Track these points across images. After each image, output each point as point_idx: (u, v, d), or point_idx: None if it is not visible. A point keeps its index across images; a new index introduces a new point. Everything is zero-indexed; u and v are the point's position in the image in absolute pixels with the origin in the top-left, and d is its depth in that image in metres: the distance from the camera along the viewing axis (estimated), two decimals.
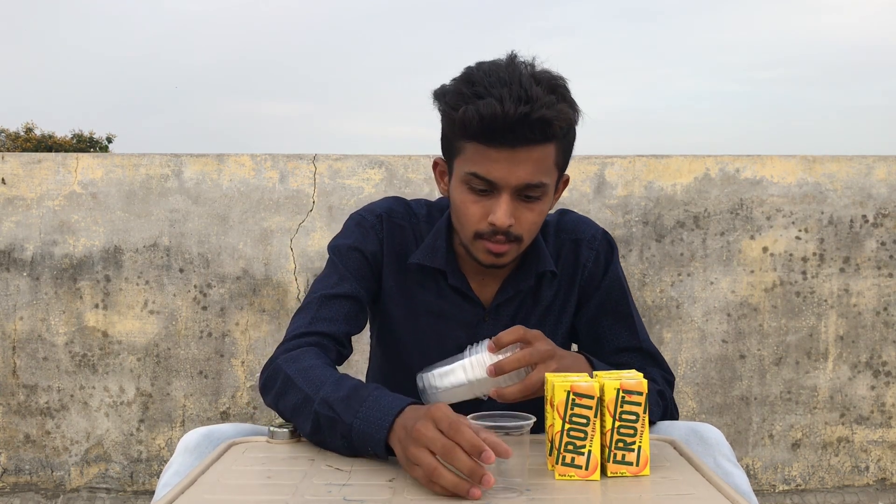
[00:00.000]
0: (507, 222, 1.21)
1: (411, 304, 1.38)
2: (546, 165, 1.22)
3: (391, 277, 1.38)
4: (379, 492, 0.98)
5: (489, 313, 1.37)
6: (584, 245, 1.39)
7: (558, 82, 1.22)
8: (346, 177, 2.66)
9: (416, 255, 1.36)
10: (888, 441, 2.74)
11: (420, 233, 1.39)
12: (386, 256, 1.37)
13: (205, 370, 2.67)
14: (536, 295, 1.38)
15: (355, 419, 1.08)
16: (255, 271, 2.66)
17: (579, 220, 1.44)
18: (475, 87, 1.18)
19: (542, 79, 1.19)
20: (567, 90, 1.23)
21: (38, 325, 2.66)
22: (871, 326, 2.71)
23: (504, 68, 1.20)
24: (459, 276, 1.36)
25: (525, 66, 1.21)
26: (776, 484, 2.72)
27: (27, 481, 2.69)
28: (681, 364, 2.70)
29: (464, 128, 1.20)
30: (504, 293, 1.36)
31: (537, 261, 1.36)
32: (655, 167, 2.67)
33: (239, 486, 1.02)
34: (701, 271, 2.68)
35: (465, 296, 1.36)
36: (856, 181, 2.69)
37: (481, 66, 1.22)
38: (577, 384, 1.01)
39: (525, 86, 1.16)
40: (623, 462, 1.03)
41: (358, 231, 1.38)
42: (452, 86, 1.22)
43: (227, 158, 2.67)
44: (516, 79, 1.17)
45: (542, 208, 1.26)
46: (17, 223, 2.65)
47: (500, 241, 1.24)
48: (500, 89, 1.16)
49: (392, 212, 1.40)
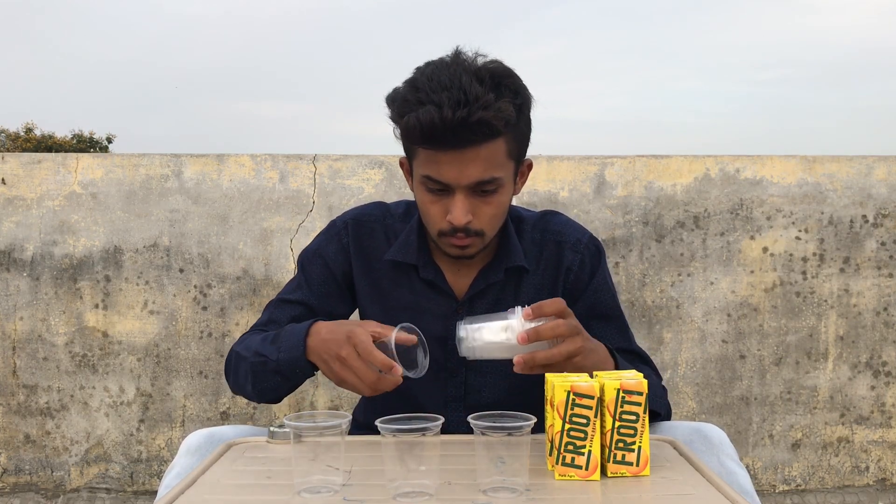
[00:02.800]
0: (463, 220, 1.25)
1: (385, 301, 1.43)
2: (496, 160, 1.25)
3: (362, 278, 1.43)
4: (379, 492, 0.98)
5: (462, 305, 1.39)
6: (568, 248, 1.41)
7: (502, 75, 1.23)
8: (346, 177, 2.66)
9: (390, 252, 1.41)
10: (888, 441, 2.74)
11: (395, 232, 1.43)
12: (354, 260, 1.43)
13: (205, 370, 2.67)
14: (516, 291, 1.40)
15: (279, 354, 1.25)
16: (256, 271, 2.66)
17: (566, 222, 1.45)
18: (418, 93, 1.21)
19: (484, 76, 1.21)
20: (512, 80, 1.24)
21: (38, 326, 2.66)
22: (871, 326, 2.71)
23: (447, 69, 1.22)
24: (433, 268, 1.39)
25: (468, 64, 1.22)
26: (776, 484, 2.72)
27: (27, 481, 2.69)
28: (681, 364, 2.70)
29: (409, 136, 1.25)
30: (476, 286, 1.38)
31: (507, 255, 1.38)
32: (655, 167, 2.68)
33: (239, 487, 1.02)
34: (701, 271, 2.68)
35: (437, 289, 1.39)
36: (856, 181, 2.69)
37: (426, 68, 1.25)
38: (577, 384, 1.02)
39: (465, 87, 1.18)
40: (623, 462, 1.03)
41: (323, 237, 1.47)
42: (400, 91, 1.25)
43: (227, 158, 2.67)
44: (457, 81, 1.19)
45: (499, 200, 1.29)
46: (17, 223, 2.65)
47: (461, 237, 1.28)
48: (440, 94, 1.18)
49: (362, 216, 1.46)
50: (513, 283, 1.40)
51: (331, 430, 0.99)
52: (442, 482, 1.01)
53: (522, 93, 1.26)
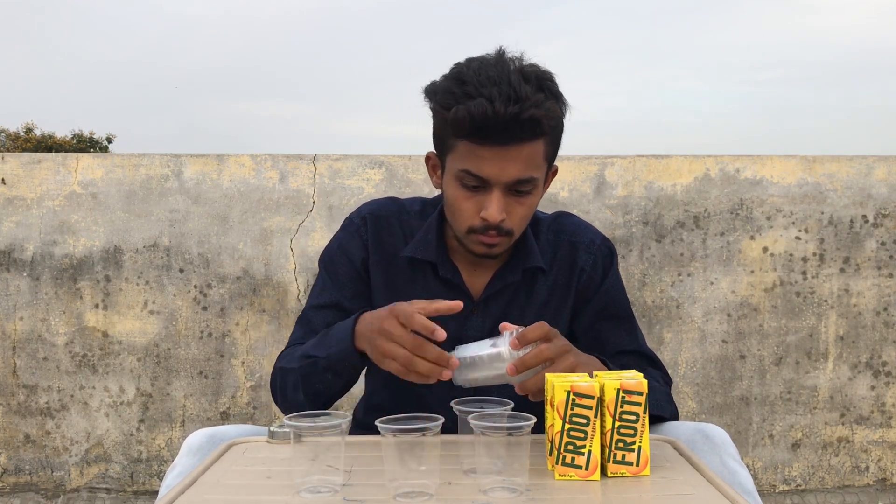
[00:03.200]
0: (499, 217, 1.24)
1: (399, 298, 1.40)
2: (536, 161, 1.25)
3: (379, 275, 1.41)
4: (379, 492, 0.98)
5: (478, 306, 1.38)
6: (582, 249, 1.41)
7: (546, 78, 1.23)
8: (346, 177, 2.66)
9: (408, 248, 1.39)
10: (888, 441, 2.74)
11: (411, 229, 1.42)
12: (372, 255, 1.41)
13: (205, 370, 2.67)
14: (530, 291, 1.40)
15: (329, 350, 1.24)
16: (256, 271, 2.66)
17: (580, 224, 1.46)
18: (465, 86, 1.20)
19: (530, 75, 1.21)
20: (555, 85, 1.25)
21: (38, 326, 2.66)
22: (871, 326, 2.71)
23: (493, 66, 1.21)
24: (451, 267, 1.38)
25: (514, 63, 1.23)
26: (776, 484, 2.72)
27: (27, 481, 2.70)
28: (681, 364, 2.70)
29: (455, 127, 1.22)
30: (492, 286, 1.38)
31: (525, 256, 1.38)
32: (655, 167, 2.68)
33: (239, 486, 1.02)
34: (701, 271, 2.68)
35: (454, 288, 1.38)
36: (856, 181, 2.69)
37: (471, 63, 1.23)
38: (577, 384, 1.02)
39: (514, 84, 1.18)
40: (623, 462, 1.03)
41: (343, 234, 1.44)
42: (443, 84, 1.24)
43: (227, 158, 2.67)
44: (505, 77, 1.18)
45: (532, 202, 1.29)
46: (17, 223, 2.66)
47: (493, 234, 1.27)
48: (490, 88, 1.18)
49: (379, 211, 1.43)
50: (527, 284, 1.40)
51: (331, 430, 0.99)
52: (442, 482, 1.01)
53: (562, 98, 1.27)
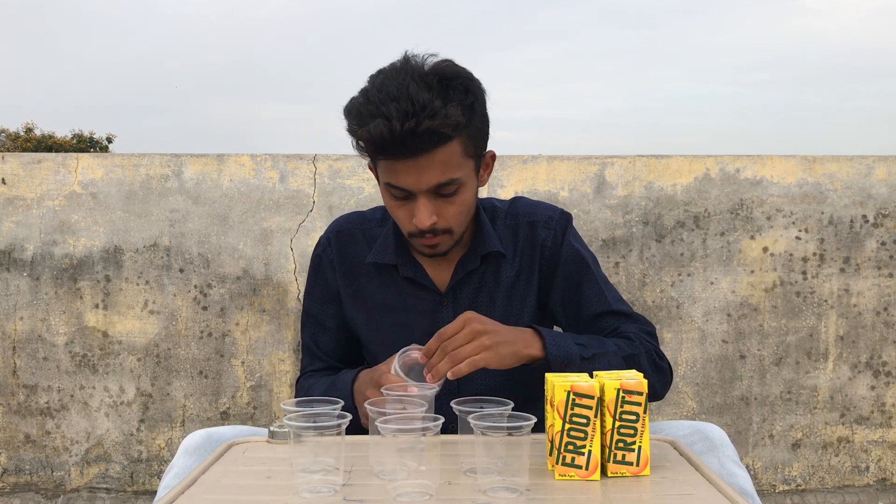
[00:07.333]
0: (427, 223, 1.28)
1: (369, 305, 1.46)
2: (453, 162, 1.27)
3: (345, 287, 1.47)
4: (379, 492, 0.98)
5: (446, 297, 1.42)
6: (541, 226, 1.44)
7: (450, 77, 1.25)
8: (347, 177, 2.66)
9: (370, 255, 1.44)
10: (888, 441, 2.74)
11: (374, 236, 1.47)
12: (338, 270, 1.47)
13: (205, 370, 2.67)
14: (497, 276, 1.43)
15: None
16: (256, 271, 2.66)
17: (535, 204, 1.49)
18: (369, 105, 1.23)
19: (431, 81, 1.22)
20: (460, 81, 1.26)
21: (38, 325, 2.66)
22: (871, 326, 2.71)
23: (395, 77, 1.23)
24: (413, 266, 1.42)
25: (416, 70, 1.24)
26: (776, 484, 2.72)
27: (27, 481, 2.69)
28: (681, 364, 2.70)
29: (365, 147, 1.28)
30: (455, 276, 1.41)
31: (482, 243, 1.41)
32: (655, 167, 2.67)
33: (239, 487, 1.02)
34: (701, 271, 2.68)
35: (419, 285, 1.42)
36: (856, 181, 2.69)
37: (377, 78, 1.26)
38: (577, 384, 1.02)
39: (413, 96, 1.20)
40: (623, 462, 1.03)
41: (312, 264, 1.52)
42: (353, 104, 1.27)
43: (227, 158, 2.67)
44: (404, 90, 1.20)
45: (462, 199, 1.31)
46: (18, 223, 2.65)
47: (430, 237, 1.31)
48: (389, 106, 1.20)
49: (341, 227, 1.50)
50: (492, 269, 1.43)
51: (331, 430, 0.99)
52: (442, 482, 1.01)
53: (473, 90, 1.28)
